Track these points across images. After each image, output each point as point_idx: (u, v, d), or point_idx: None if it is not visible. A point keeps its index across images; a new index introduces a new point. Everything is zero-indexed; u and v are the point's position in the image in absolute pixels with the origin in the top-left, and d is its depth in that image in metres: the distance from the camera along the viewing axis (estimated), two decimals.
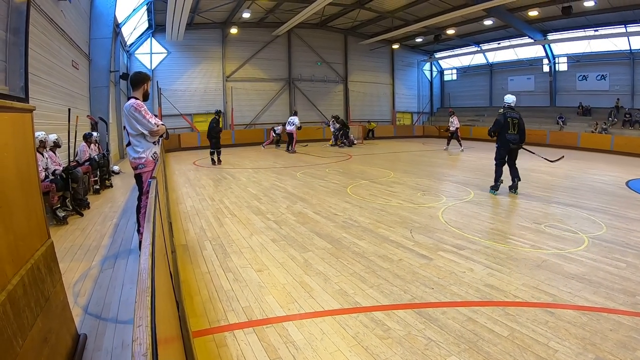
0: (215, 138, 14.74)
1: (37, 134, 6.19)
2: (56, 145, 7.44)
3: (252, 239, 5.72)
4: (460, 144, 18.91)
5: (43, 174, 6.35)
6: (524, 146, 8.72)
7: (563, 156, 10.62)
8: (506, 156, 8.55)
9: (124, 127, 4.82)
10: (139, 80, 4.71)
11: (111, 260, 4.91)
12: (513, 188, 8.68)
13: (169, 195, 8.82)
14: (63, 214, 6.55)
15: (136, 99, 4.61)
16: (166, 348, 1.49)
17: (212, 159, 15.02)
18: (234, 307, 3.64)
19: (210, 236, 5.92)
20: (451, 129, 18.86)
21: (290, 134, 18.80)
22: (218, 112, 15.08)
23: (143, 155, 4.65)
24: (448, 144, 19.50)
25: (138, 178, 4.82)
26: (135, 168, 4.74)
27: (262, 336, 3.14)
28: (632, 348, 2.91)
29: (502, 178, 8.67)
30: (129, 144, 4.71)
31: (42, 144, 6.58)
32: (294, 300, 3.76)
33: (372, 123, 27.34)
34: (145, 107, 4.62)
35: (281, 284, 4.17)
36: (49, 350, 2.33)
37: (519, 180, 8.68)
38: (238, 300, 3.77)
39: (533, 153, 9.66)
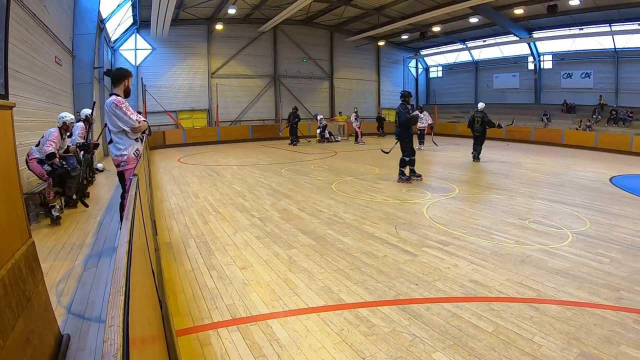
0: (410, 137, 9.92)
1: (63, 114, 6.96)
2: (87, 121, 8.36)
3: (236, 237, 5.69)
4: (421, 143, 17.99)
5: (52, 150, 6.44)
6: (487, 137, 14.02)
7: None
8: (476, 139, 13.79)
9: (105, 124, 4.74)
10: (119, 77, 4.63)
11: (95, 258, 4.84)
12: (476, 158, 13.76)
13: (154, 193, 8.74)
14: (57, 214, 6.28)
15: (117, 95, 4.54)
16: (145, 348, 1.47)
17: (414, 170, 10.00)
18: (218, 305, 3.62)
19: (195, 234, 5.87)
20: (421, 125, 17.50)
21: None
22: (408, 94, 9.79)
23: (125, 152, 4.59)
24: (433, 140, 19.27)
25: (121, 176, 4.75)
26: (117, 165, 4.68)
27: (246, 334, 3.12)
28: (617, 342, 2.95)
29: (474, 152, 13.83)
30: (111, 141, 4.64)
31: (65, 126, 6.94)
32: (278, 298, 3.75)
33: (342, 115, 25.54)
34: (126, 103, 4.56)
35: (265, 281, 4.15)
36: (31, 351, 2.29)
37: (479, 154, 13.77)
38: (222, 298, 3.74)
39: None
